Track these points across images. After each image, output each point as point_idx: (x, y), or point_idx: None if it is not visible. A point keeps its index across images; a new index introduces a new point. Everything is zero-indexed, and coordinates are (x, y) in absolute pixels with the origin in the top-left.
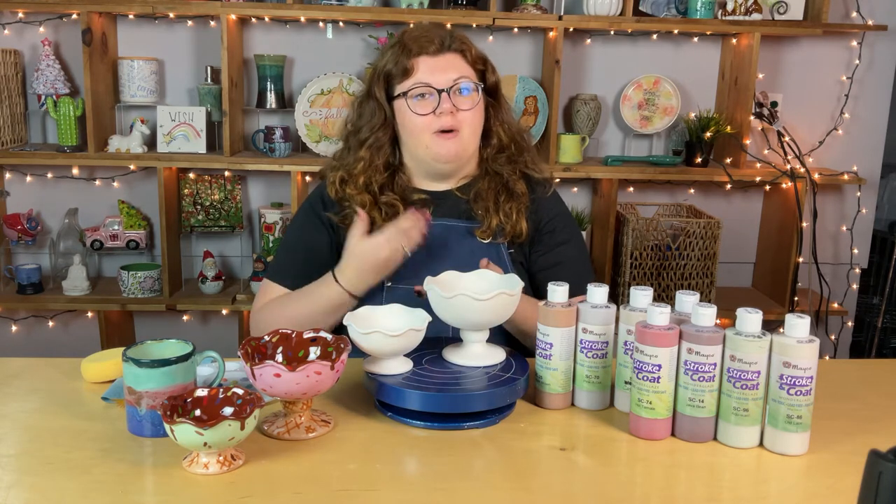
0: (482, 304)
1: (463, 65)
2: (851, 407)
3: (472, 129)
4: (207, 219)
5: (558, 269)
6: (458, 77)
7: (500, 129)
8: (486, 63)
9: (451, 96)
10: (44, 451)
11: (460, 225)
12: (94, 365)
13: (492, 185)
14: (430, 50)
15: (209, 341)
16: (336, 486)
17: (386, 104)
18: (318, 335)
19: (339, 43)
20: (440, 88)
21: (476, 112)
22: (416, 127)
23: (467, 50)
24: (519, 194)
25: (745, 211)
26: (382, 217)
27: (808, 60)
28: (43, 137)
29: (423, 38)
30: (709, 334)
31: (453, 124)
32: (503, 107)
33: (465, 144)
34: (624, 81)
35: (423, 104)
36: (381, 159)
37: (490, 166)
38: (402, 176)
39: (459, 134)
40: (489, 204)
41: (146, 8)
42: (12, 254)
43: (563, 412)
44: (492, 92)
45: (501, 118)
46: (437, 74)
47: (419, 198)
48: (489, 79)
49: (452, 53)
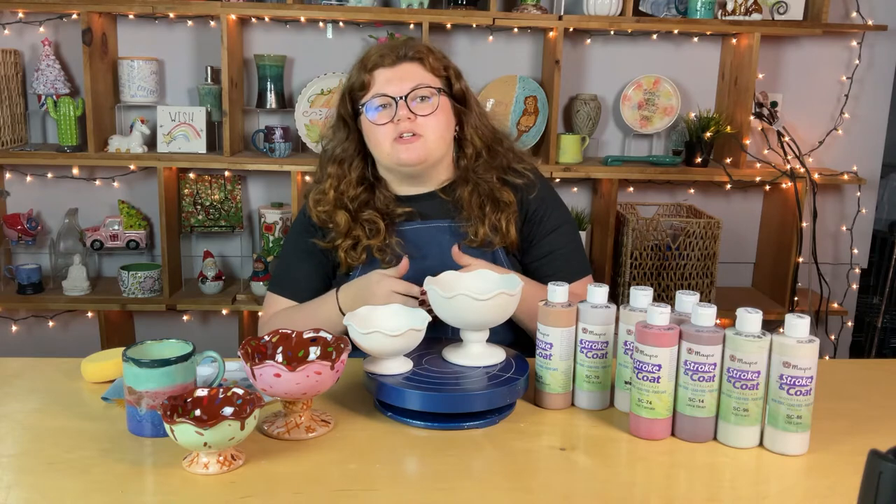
0: (482, 304)
1: (421, 72)
2: (851, 407)
3: (436, 133)
4: (207, 219)
5: (551, 258)
6: (414, 85)
7: (474, 135)
8: (449, 70)
9: (409, 103)
10: (44, 451)
11: (451, 225)
12: (94, 365)
13: (474, 193)
14: (387, 62)
15: (209, 341)
16: (336, 486)
17: (351, 120)
18: (318, 335)
19: (339, 43)
20: (396, 97)
21: (438, 117)
22: (377, 137)
23: (425, 58)
24: (506, 203)
25: (745, 211)
26: (366, 235)
27: (808, 60)
28: (43, 137)
29: (380, 51)
30: (709, 334)
31: (413, 129)
32: (474, 112)
33: (429, 148)
34: (624, 81)
35: (382, 114)
36: (353, 173)
37: (471, 173)
38: (383, 190)
39: (422, 138)
40: (473, 212)
41: (146, 8)
42: (12, 254)
43: (563, 412)
44: (460, 98)
45: (474, 123)
46: (393, 84)
47: (402, 210)
48: (455, 85)
49: (409, 63)
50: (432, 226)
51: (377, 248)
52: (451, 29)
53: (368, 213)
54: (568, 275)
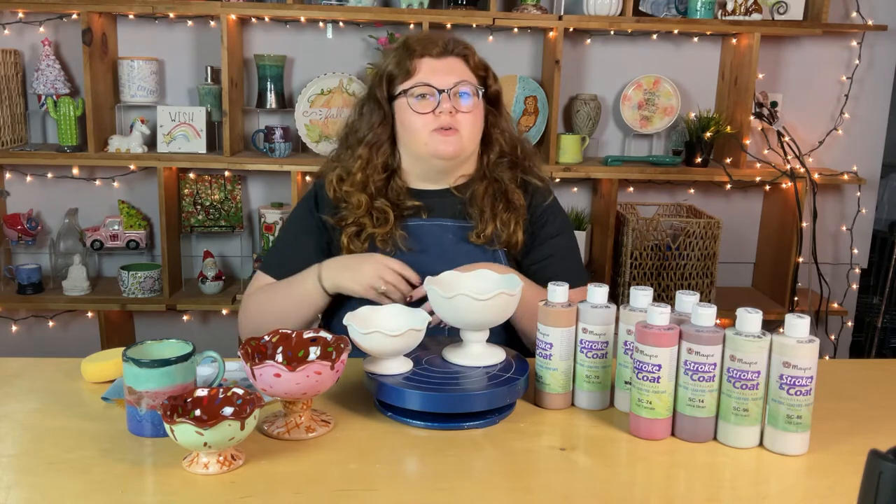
0: (482, 304)
1: (465, 69)
2: (851, 407)
3: (470, 130)
4: (207, 219)
5: (551, 261)
6: (459, 80)
7: (501, 137)
8: (487, 71)
9: (451, 98)
10: (44, 451)
11: (454, 225)
12: (94, 365)
13: (489, 190)
14: (434, 52)
15: (209, 341)
16: (336, 486)
17: (386, 104)
18: (319, 335)
19: (339, 43)
20: (441, 89)
21: (475, 115)
22: (416, 125)
23: (470, 56)
24: (517, 205)
25: (745, 211)
26: (373, 223)
27: (808, 60)
28: (43, 137)
29: (427, 41)
30: (709, 334)
31: (452, 123)
32: (503, 116)
33: (464, 143)
34: (624, 81)
35: (424, 104)
36: (379, 158)
37: (489, 171)
38: (397, 180)
39: (459, 133)
40: (485, 209)
41: (146, 8)
42: (12, 254)
43: (563, 412)
44: (492, 100)
45: (501, 127)
46: (438, 76)
47: (412, 204)
48: (490, 86)
49: (455, 57)
50: (436, 223)
51: (380, 238)
52: (451, 29)
53: (381, 203)
54: (566, 279)
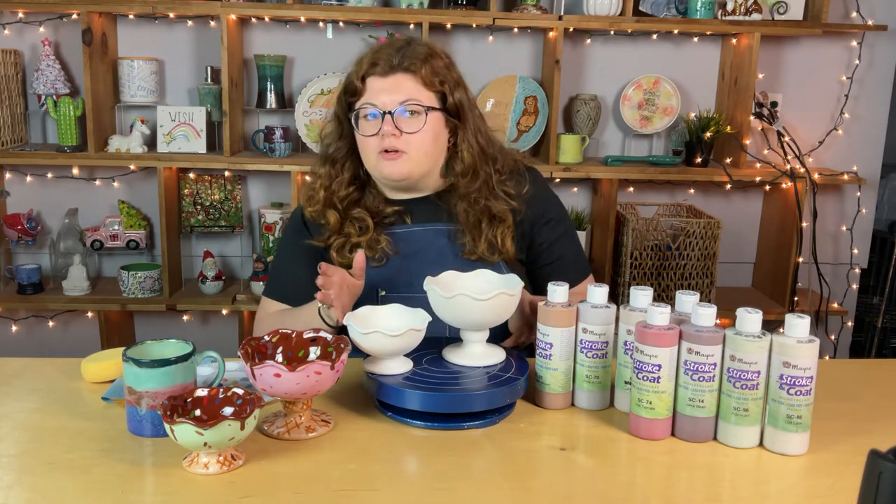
0: (482, 304)
1: (412, 86)
2: (851, 407)
3: (421, 150)
4: (207, 219)
5: (559, 265)
6: (404, 99)
7: (465, 151)
8: (444, 83)
9: (396, 118)
10: (44, 451)
11: (447, 228)
12: (94, 365)
13: (470, 210)
14: (378, 70)
15: (209, 341)
16: (336, 486)
17: (346, 120)
18: (318, 335)
19: (339, 43)
20: (384, 110)
21: (424, 134)
22: (365, 146)
23: (418, 70)
24: (501, 217)
25: (745, 211)
26: (357, 232)
27: (808, 60)
28: (43, 137)
29: (376, 56)
30: (709, 334)
31: (396, 146)
32: (469, 126)
33: (413, 165)
34: (624, 81)
35: (370, 125)
36: (346, 173)
37: (461, 188)
38: (371, 191)
39: (406, 154)
40: (473, 232)
41: (146, 8)
42: (12, 254)
43: (563, 412)
44: (454, 112)
45: (468, 138)
46: (382, 96)
47: (392, 210)
48: (449, 99)
49: (402, 74)
50: (429, 229)
51: (366, 245)
52: (451, 29)
53: (358, 212)
54: (574, 279)
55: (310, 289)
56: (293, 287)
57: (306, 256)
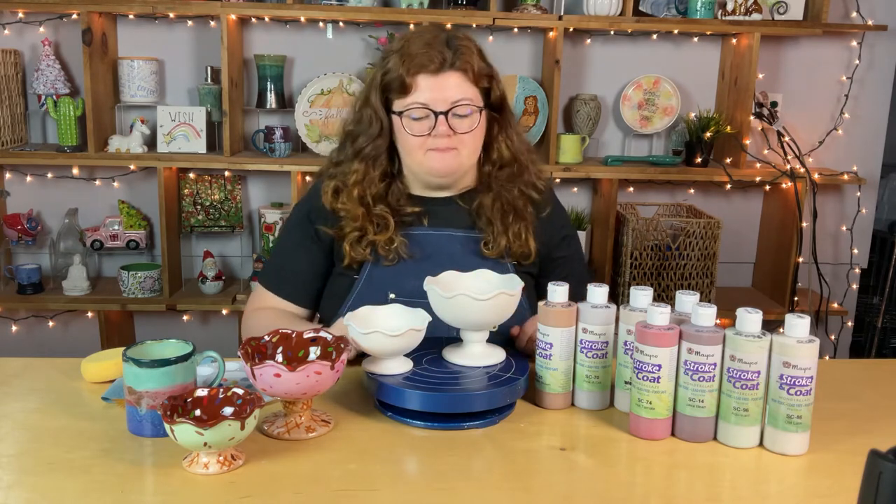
0: (482, 304)
1: (464, 84)
2: (851, 407)
3: (470, 148)
4: (207, 219)
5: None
6: (457, 99)
7: (503, 145)
8: (490, 79)
9: (449, 119)
10: (44, 451)
11: (464, 236)
12: (94, 365)
13: (497, 203)
14: (430, 69)
15: (209, 341)
16: (336, 486)
17: (384, 115)
18: (318, 335)
19: (339, 43)
20: (438, 111)
21: (475, 133)
22: (412, 145)
23: (469, 68)
24: (525, 214)
25: (745, 211)
26: (374, 230)
27: (808, 60)
28: (43, 137)
29: (423, 55)
30: (709, 334)
31: (450, 144)
32: (508, 121)
33: (461, 161)
34: (624, 81)
35: (420, 125)
36: (377, 171)
37: (492, 182)
38: (398, 185)
39: (457, 152)
40: (496, 224)
41: (146, 8)
42: (12, 254)
43: (563, 412)
44: (496, 106)
45: (506, 133)
46: (435, 95)
47: (412, 210)
48: (494, 94)
49: (453, 72)
50: (444, 233)
51: (382, 244)
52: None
53: (380, 209)
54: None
55: (308, 286)
56: (291, 282)
57: (308, 253)
